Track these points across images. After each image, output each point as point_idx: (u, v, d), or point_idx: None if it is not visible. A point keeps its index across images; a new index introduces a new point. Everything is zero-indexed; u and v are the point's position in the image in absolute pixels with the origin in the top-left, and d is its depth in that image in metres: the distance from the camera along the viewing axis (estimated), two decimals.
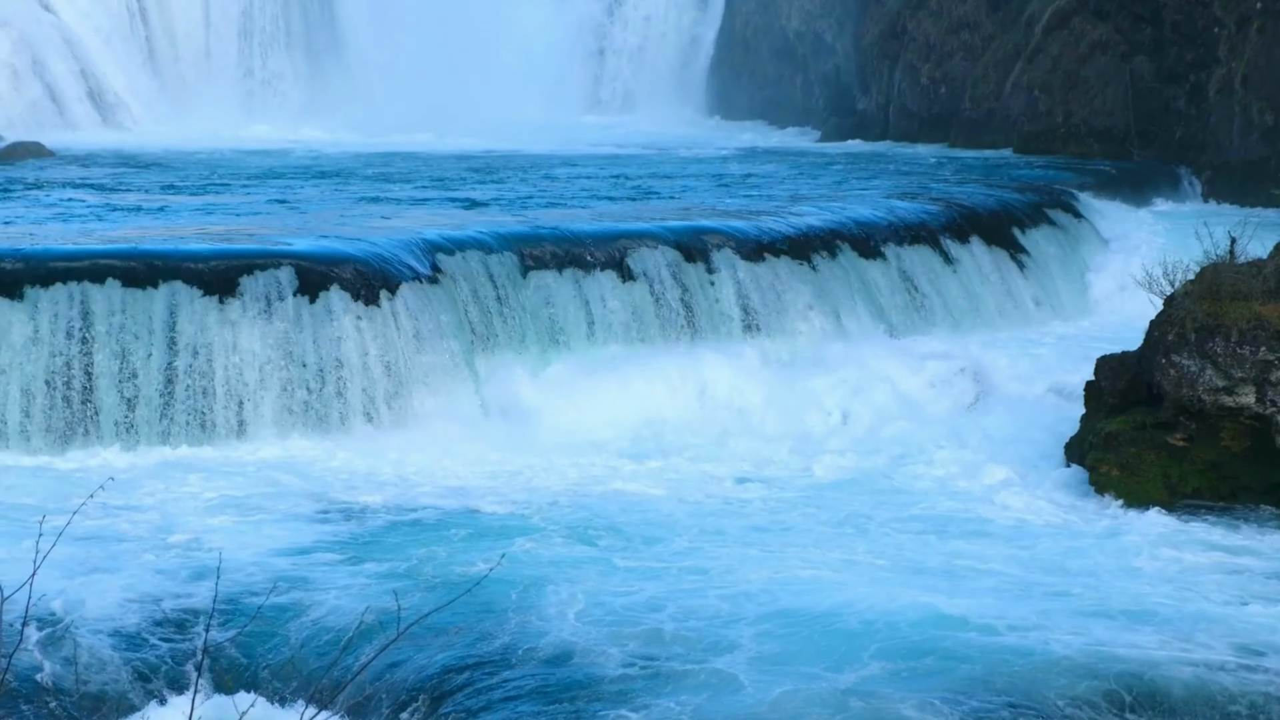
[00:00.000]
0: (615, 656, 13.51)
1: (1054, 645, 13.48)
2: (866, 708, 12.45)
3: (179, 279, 20.71)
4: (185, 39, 54.36)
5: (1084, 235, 31.06)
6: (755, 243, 24.89)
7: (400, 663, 13.39)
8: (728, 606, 14.59)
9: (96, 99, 49.89)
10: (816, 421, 21.56)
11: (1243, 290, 18.16)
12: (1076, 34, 42.63)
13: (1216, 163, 38.81)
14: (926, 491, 18.70)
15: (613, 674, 13.16)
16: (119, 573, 15.44)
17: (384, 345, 20.97)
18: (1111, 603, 14.75)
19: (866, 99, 50.96)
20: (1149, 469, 18.09)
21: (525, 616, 14.31)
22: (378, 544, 16.54)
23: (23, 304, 20.29)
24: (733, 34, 58.56)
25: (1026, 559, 16.22)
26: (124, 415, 20.04)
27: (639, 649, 13.65)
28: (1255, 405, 17.76)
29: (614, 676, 13.11)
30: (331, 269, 21.34)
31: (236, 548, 16.14)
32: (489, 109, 52.93)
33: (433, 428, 20.61)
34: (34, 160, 38.19)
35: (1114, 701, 12.66)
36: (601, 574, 15.48)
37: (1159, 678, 12.93)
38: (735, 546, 16.51)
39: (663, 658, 13.47)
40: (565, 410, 21.23)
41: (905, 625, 14.00)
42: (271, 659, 13.93)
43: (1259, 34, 37.90)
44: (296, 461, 19.60)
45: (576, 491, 18.56)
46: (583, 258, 23.44)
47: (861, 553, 16.35)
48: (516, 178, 34.55)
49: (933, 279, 26.55)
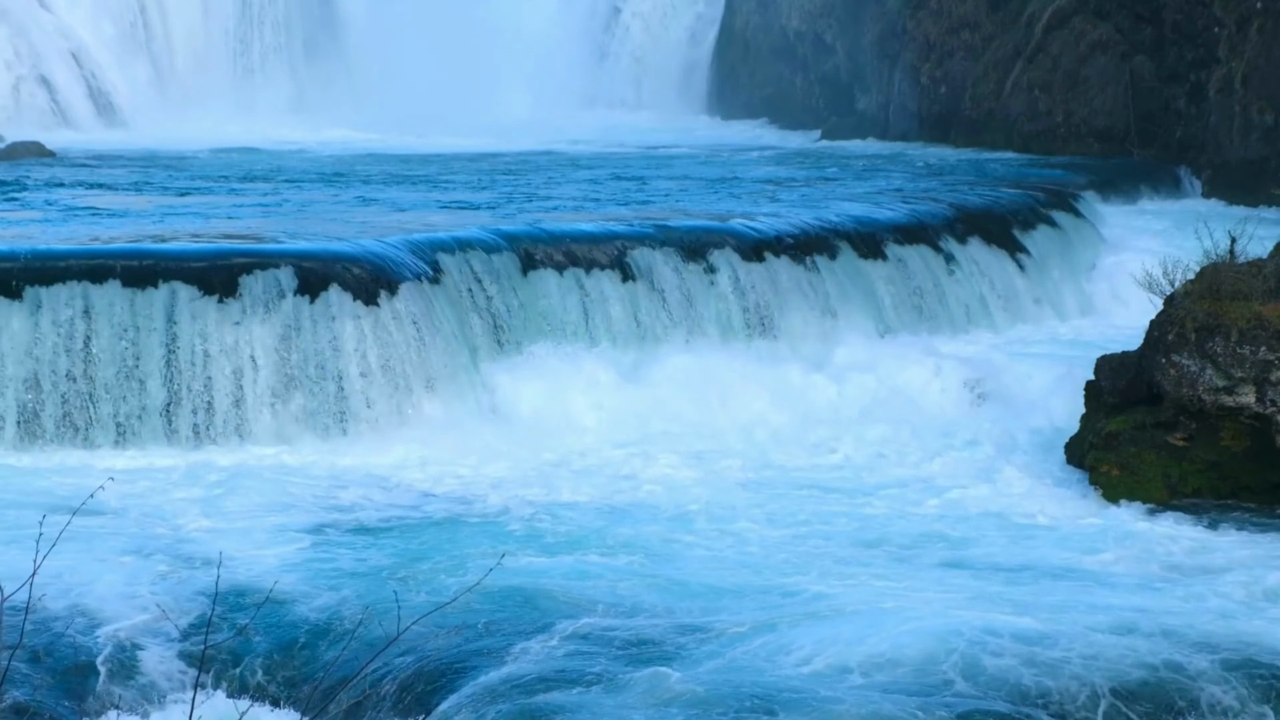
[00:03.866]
0: (616, 655, 13.51)
1: (1054, 644, 13.47)
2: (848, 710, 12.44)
3: (179, 279, 20.70)
4: (185, 38, 54.32)
5: (1084, 235, 31.04)
6: (755, 242, 24.88)
7: (400, 663, 13.39)
8: (730, 607, 14.58)
9: (96, 99, 49.86)
10: (816, 421, 21.54)
11: (1243, 290, 18.17)
12: (1076, 34, 42.62)
13: (1216, 162, 38.79)
14: (925, 491, 18.69)
15: (613, 673, 13.16)
16: (118, 573, 15.43)
17: (384, 345, 20.96)
18: (1112, 602, 14.74)
19: (866, 99, 50.94)
20: (1149, 469, 18.09)
21: (526, 616, 14.31)
22: (378, 544, 16.53)
23: (23, 303, 20.29)
24: (733, 33, 58.53)
25: (1025, 558, 16.21)
26: (124, 415, 20.04)
27: (640, 648, 13.65)
28: (1255, 405, 17.76)
29: (614, 676, 13.10)
30: (331, 269, 21.33)
31: (236, 548, 16.14)
32: (489, 108, 52.91)
33: (433, 428, 20.60)
34: (34, 160, 38.16)
35: (1112, 704, 12.65)
36: (602, 573, 15.47)
37: (1159, 679, 12.92)
38: (736, 544, 16.50)
39: (663, 657, 13.47)
40: (566, 410, 21.22)
41: (903, 624, 13.99)
42: (271, 659, 13.93)
43: (1259, 34, 37.89)
44: (296, 461, 19.58)
45: (577, 491, 18.55)
46: (584, 257, 23.43)
47: (853, 549, 16.34)
48: (517, 176, 34.54)
49: (933, 279, 26.54)
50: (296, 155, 41.32)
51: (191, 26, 54.62)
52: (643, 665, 13.32)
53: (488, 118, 50.67)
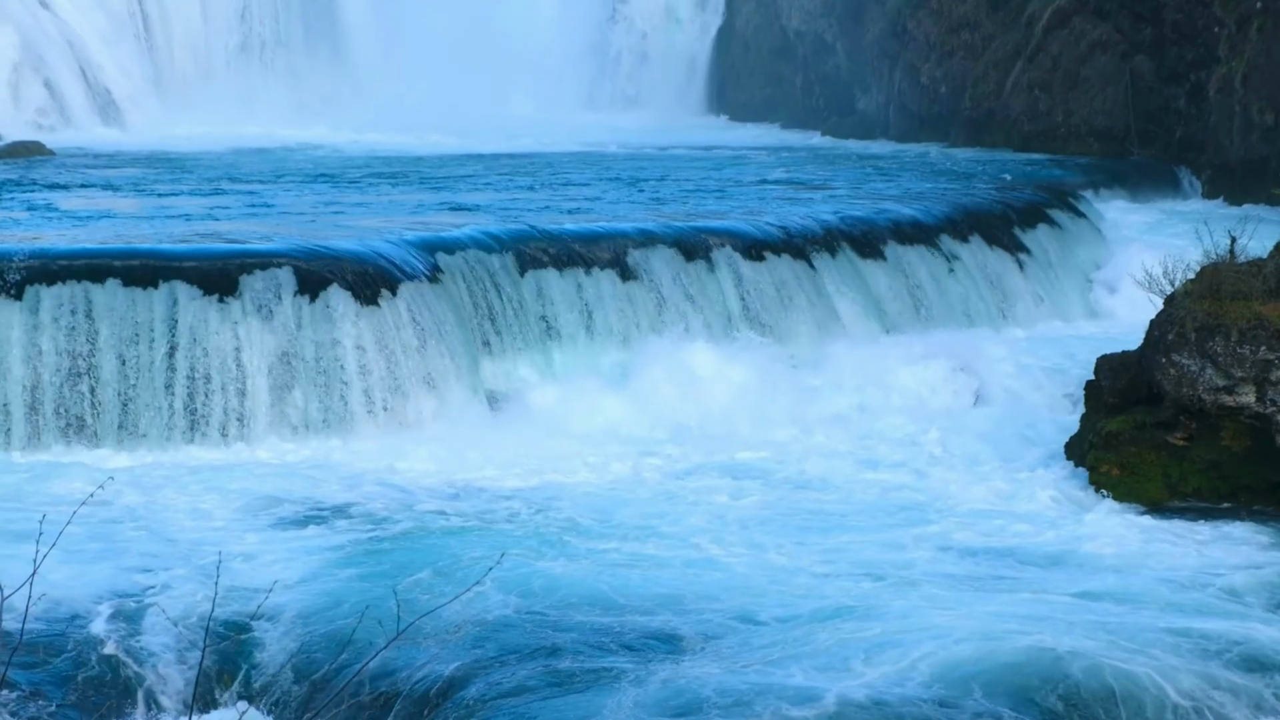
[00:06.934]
0: (617, 656, 13.51)
1: (1052, 644, 13.46)
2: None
3: (179, 279, 20.70)
4: (184, 38, 54.30)
5: (1084, 234, 31.06)
6: (755, 241, 24.89)
7: (400, 663, 13.39)
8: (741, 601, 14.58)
9: (96, 98, 49.85)
10: (816, 421, 21.55)
11: (1243, 290, 18.17)
12: (1077, 33, 42.64)
13: (1216, 162, 38.81)
14: (924, 491, 18.69)
15: (616, 673, 13.16)
16: (118, 573, 15.43)
17: (384, 345, 20.96)
18: (1111, 601, 14.74)
19: (867, 98, 50.97)
20: (1149, 468, 18.09)
21: (527, 616, 14.30)
22: (377, 544, 16.53)
23: (22, 303, 20.30)
24: (733, 33, 58.56)
25: (1025, 558, 16.21)
26: (123, 415, 20.04)
27: (642, 649, 13.65)
28: (1255, 405, 17.76)
29: (616, 675, 13.11)
30: (331, 269, 21.33)
31: (235, 548, 16.14)
32: (489, 108, 52.91)
33: (433, 427, 20.61)
34: (34, 159, 38.15)
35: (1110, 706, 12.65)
36: (603, 573, 15.47)
37: (1159, 678, 12.92)
38: (739, 546, 16.51)
39: (668, 657, 13.48)
40: (566, 409, 21.22)
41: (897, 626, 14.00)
42: (271, 660, 13.93)
43: (1259, 34, 37.89)
44: (296, 461, 19.60)
45: (577, 490, 18.56)
46: (583, 256, 23.43)
47: (857, 552, 16.34)
48: (517, 176, 34.54)
49: (933, 278, 26.54)
50: (297, 155, 41.32)
51: (192, 26, 54.61)
52: (643, 665, 13.32)
53: (488, 118, 50.67)
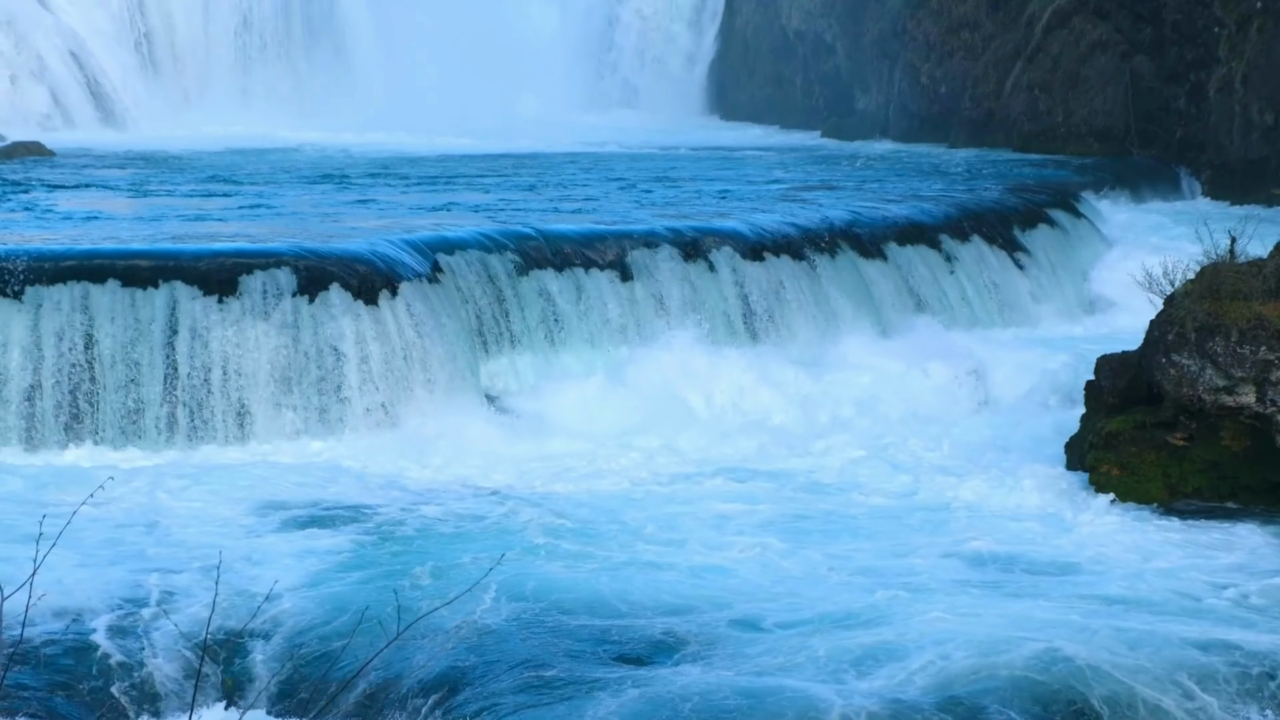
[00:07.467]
0: (617, 660, 13.51)
1: (1060, 649, 13.47)
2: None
3: (179, 279, 20.71)
4: (184, 38, 54.31)
5: (1084, 234, 31.07)
6: (755, 242, 24.90)
7: (400, 663, 13.39)
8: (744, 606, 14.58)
9: (96, 98, 49.85)
10: (816, 422, 21.55)
11: (1243, 290, 18.17)
12: (1076, 33, 42.64)
13: (1216, 162, 38.81)
14: (924, 492, 18.69)
15: (616, 677, 13.16)
16: (118, 573, 15.43)
17: (384, 345, 20.97)
18: (1112, 600, 14.74)
19: (866, 98, 50.97)
20: (1149, 468, 18.09)
21: (527, 616, 14.31)
22: (378, 544, 16.53)
23: (22, 303, 20.30)
24: (733, 33, 58.57)
25: (1025, 558, 16.21)
26: (123, 415, 20.04)
27: (643, 653, 13.66)
28: (1255, 405, 17.76)
29: (617, 680, 13.11)
30: (331, 268, 21.33)
31: (235, 547, 16.14)
32: (490, 108, 52.92)
33: (433, 427, 20.61)
34: (34, 159, 38.15)
35: (1108, 709, 12.66)
36: (604, 572, 15.47)
37: (1158, 679, 12.92)
38: (740, 550, 16.51)
39: (669, 662, 13.48)
40: (566, 409, 21.22)
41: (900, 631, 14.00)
42: (271, 660, 13.93)
43: (1259, 34, 37.90)
44: (296, 462, 19.59)
45: (577, 490, 18.57)
46: (583, 256, 23.44)
47: (858, 556, 16.35)
48: (517, 176, 34.55)
49: (933, 278, 26.55)
50: (296, 155, 41.33)
51: (192, 26, 54.60)
52: (644, 670, 13.32)
53: (488, 118, 50.67)
